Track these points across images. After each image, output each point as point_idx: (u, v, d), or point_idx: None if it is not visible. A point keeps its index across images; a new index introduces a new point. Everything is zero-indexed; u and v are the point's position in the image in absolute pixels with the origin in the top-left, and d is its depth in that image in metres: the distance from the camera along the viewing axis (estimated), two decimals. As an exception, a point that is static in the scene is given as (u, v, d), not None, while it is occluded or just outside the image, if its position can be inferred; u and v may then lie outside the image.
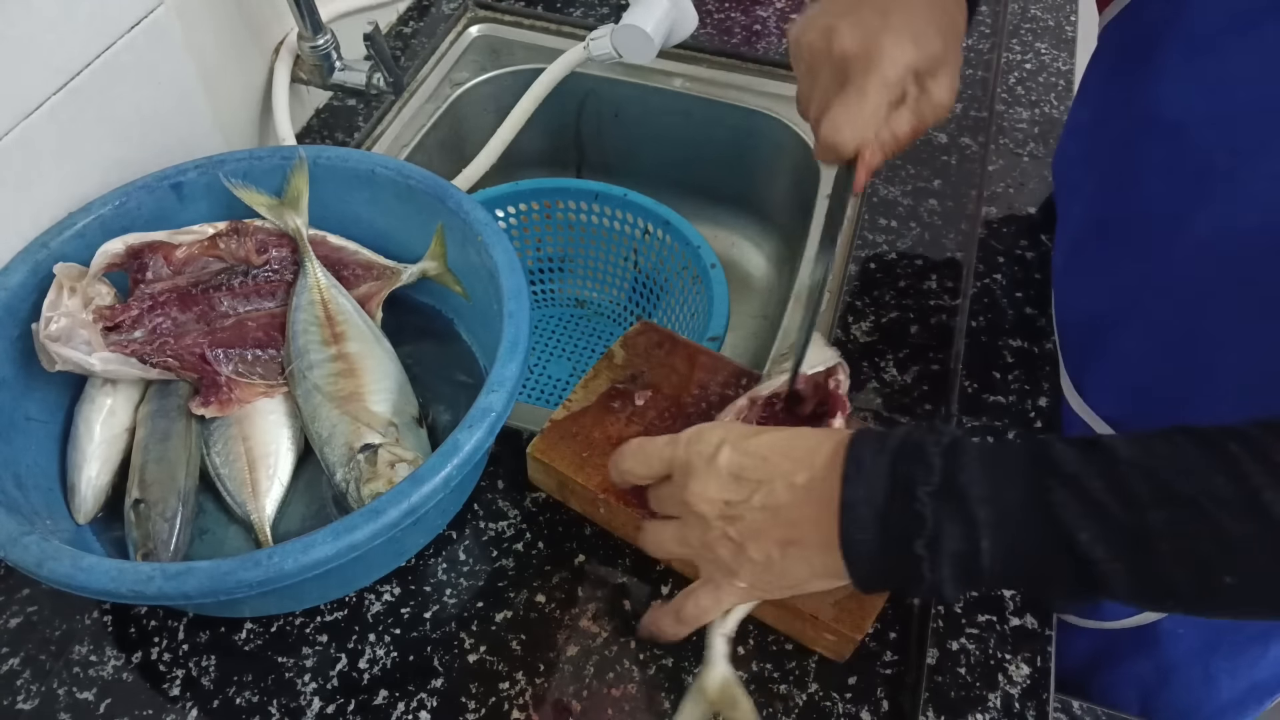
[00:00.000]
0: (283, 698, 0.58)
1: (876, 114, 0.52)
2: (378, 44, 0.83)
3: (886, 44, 0.51)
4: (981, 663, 0.57)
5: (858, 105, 0.52)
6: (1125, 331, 0.64)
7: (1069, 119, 0.75)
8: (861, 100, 0.52)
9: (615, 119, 1.07)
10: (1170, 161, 0.56)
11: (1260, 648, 0.72)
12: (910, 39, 0.51)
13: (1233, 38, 0.51)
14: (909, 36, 0.51)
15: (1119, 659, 0.78)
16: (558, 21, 1.06)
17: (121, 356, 0.63)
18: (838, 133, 0.52)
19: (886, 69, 0.51)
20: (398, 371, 0.68)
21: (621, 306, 0.97)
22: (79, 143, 0.67)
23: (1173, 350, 0.59)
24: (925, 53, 0.52)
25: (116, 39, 0.68)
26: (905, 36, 0.51)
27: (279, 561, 0.49)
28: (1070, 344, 0.71)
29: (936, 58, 0.53)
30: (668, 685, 0.58)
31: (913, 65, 0.52)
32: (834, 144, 0.53)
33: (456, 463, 0.53)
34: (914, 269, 0.80)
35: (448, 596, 0.62)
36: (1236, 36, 0.51)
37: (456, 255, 0.70)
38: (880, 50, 0.51)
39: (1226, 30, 0.51)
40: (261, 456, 0.64)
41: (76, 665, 0.59)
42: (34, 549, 0.51)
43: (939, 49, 0.53)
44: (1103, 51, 0.67)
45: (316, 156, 0.71)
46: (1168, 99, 0.55)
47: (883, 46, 0.51)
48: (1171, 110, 0.55)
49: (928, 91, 0.54)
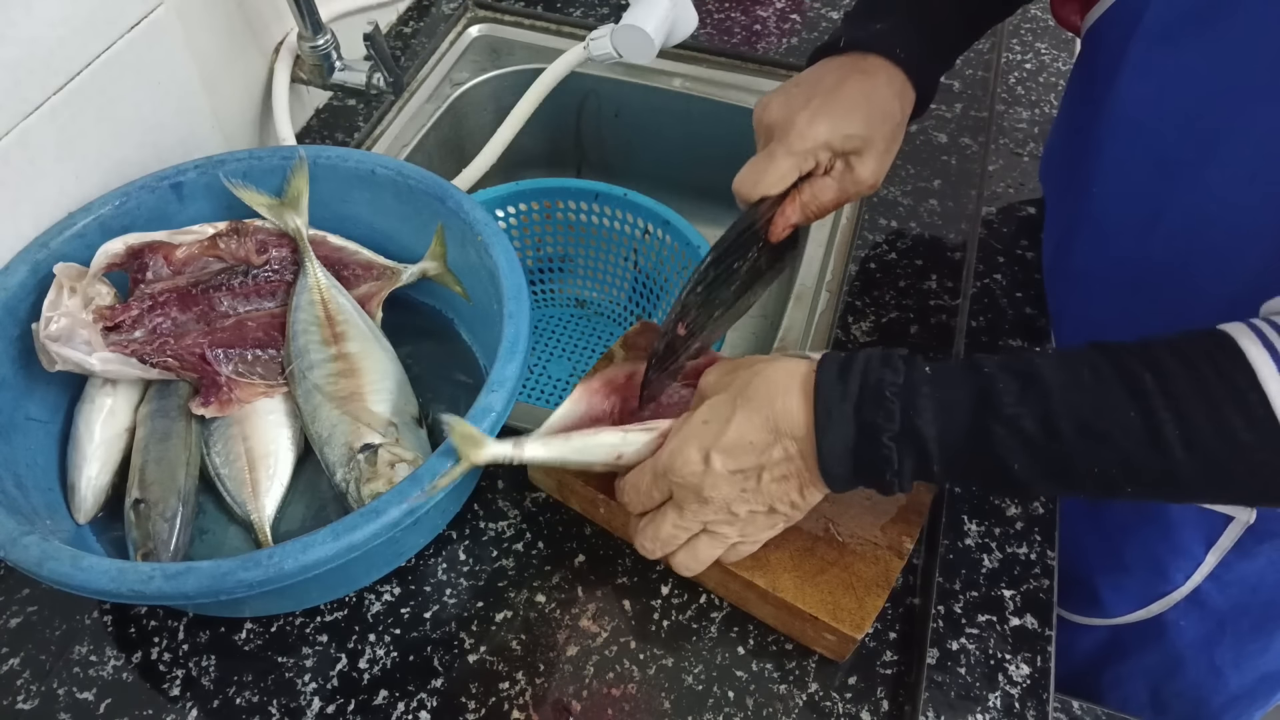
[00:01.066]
0: (283, 698, 0.58)
1: (779, 173, 0.59)
2: (378, 44, 0.83)
3: (799, 120, 0.59)
4: (981, 663, 0.57)
5: (761, 164, 0.60)
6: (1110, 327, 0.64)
7: (1054, 122, 0.76)
8: (766, 161, 0.60)
9: (615, 119, 1.07)
10: (1135, 157, 0.59)
11: (1265, 639, 0.73)
12: (825, 119, 0.59)
13: (1189, 32, 0.53)
14: (824, 117, 0.59)
15: (1124, 654, 0.78)
16: (558, 21, 1.06)
17: (121, 356, 0.63)
18: (740, 182, 0.61)
19: (793, 140, 0.59)
20: (398, 371, 0.68)
21: (621, 306, 0.97)
22: (79, 143, 0.67)
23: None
24: (841, 133, 0.59)
25: (116, 39, 0.68)
26: (820, 116, 0.59)
27: (279, 561, 0.49)
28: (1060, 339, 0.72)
29: (856, 142, 0.60)
30: (668, 685, 0.58)
31: (824, 142, 0.59)
32: (737, 189, 0.61)
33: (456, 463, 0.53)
34: (914, 269, 0.80)
35: (448, 596, 0.62)
36: (1193, 30, 0.52)
37: (456, 255, 0.70)
38: (792, 124, 0.59)
39: (1183, 24, 0.53)
40: (261, 456, 0.64)
41: (76, 665, 0.59)
42: (34, 549, 0.51)
43: (859, 133, 0.59)
44: (1084, 55, 0.68)
45: (316, 156, 0.71)
46: (1131, 97, 0.58)
47: (795, 122, 0.59)
48: (1134, 107, 0.58)
49: (852, 168, 0.61)
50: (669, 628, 0.60)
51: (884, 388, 0.48)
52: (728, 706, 0.57)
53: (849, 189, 0.61)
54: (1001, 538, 0.63)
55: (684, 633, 0.60)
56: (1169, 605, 0.73)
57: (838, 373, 0.49)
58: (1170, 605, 0.73)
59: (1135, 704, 0.82)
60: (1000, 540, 0.63)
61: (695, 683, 0.58)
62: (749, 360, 0.54)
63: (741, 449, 0.50)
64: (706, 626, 0.60)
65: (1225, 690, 0.77)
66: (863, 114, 0.59)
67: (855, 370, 0.49)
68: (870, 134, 0.60)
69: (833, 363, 0.50)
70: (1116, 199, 0.62)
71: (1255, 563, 0.68)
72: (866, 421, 0.48)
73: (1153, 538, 0.71)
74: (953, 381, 0.48)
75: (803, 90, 0.61)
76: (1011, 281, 0.78)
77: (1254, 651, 0.74)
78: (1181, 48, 0.53)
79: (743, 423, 0.50)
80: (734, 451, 0.51)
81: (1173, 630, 0.74)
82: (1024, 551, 0.62)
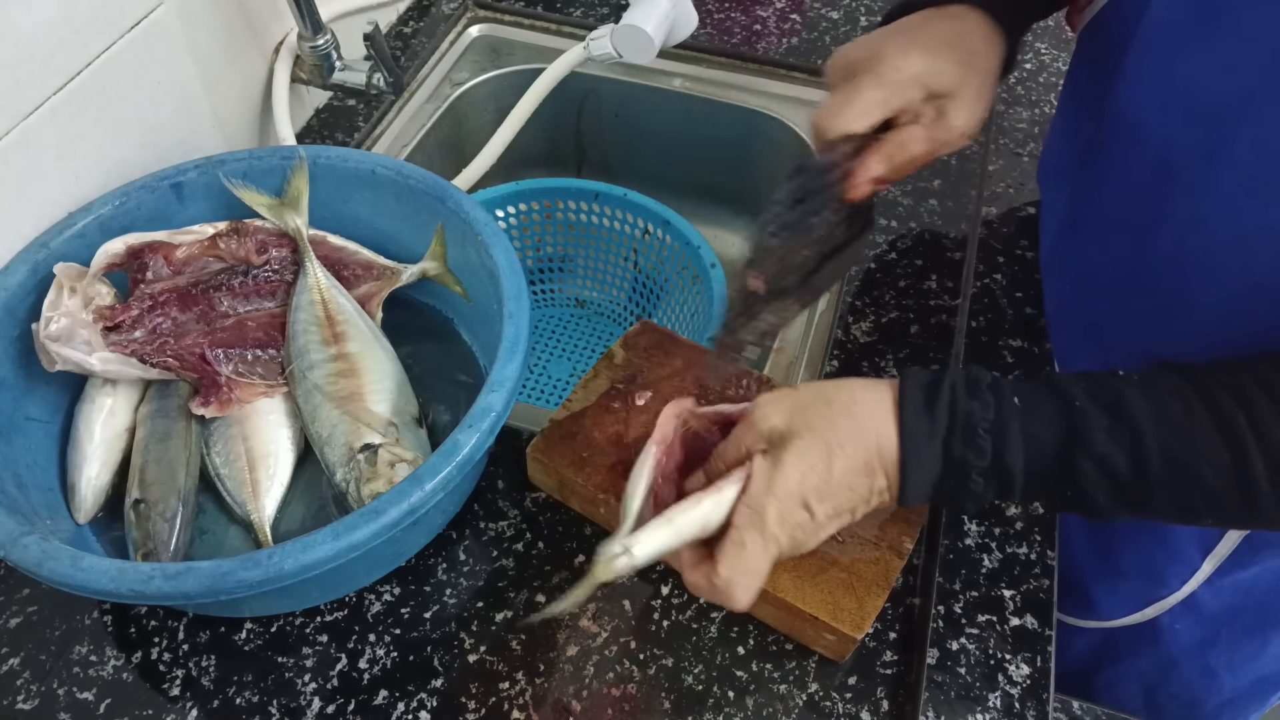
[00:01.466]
0: (283, 698, 0.58)
1: (866, 105, 0.54)
2: (378, 44, 0.83)
3: (889, 51, 0.54)
4: (981, 663, 0.57)
5: (846, 93, 0.54)
6: (1107, 327, 0.64)
7: (1052, 123, 0.75)
8: (852, 90, 0.54)
9: (615, 119, 1.07)
10: (1132, 161, 0.57)
11: (1259, 642, 0.72)
12: (916, 52, 0.54)
13: (1191, 35, 0.51)
14: (915, 49, 0.54)
15: (1119, 656, 0.78)
16: (558, 21, 1.06)
17: (121, 356, 0.63)
18: (821, 115, 0.54)
19: (884, 70, 0.54)
20: (398, 371, 0.68)
21: (621, 306, 0.97)
22: (79, 143, 0.67)
23: (1153, 346, 0.60)
24: (933, 69, 0.54)
25: (116, 39, 0.68)
26: (911, 48, 0.54)
27: (279, 561, 0.49)
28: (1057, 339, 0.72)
29: (950, 80, 0.54)
30: (668, 685, 0.58)
31: (917, 75, 0.54)
32: (817, 122, 0.55)
33: (457, 463, 0.53)
34: (914, 269, 0.80)
35: (448, 596, 0.62)
36: (1195, 34, 0.51)
37: (456, 255, 0.70)
38: (881, 56, 0.54)
39: (1185, 27, 0.51)
40: (261, 456, 0.64)
41: (76, 665, 0.59)
42: (34, 549, 0.51)
43: (953, 73, 0.54)
44: (1080, 54, 0.67)
45: (316, 156, 0.71)
46: (1129, 99, 0.56)
47: (884, 53, 0.54)
48: (1132, 110, 0.56)
49: (945, 115, 0.55)
50: (669, 628, 0.60)
51: (975, 423, 0.47)
52: (728, 706, 0.57)
53: (941, 137, 0.55)
54: (1001, 538, 0.63)
55: (684, 633, 0.60)
56: (1164, 609, 0.72)
57: (924, 404, 0.48)
58: (1165, 609, 0.72)
59: (1130, 706, 0.82)
60: (1000, 540, 0.63)
61: (695, 683, 0.58)
62: (817, 391, 0.50)
63: (844, 496, 0.48)
64: (706, 626, 0.60)
65: (1220, 693, 0.76)
66: (957, 54, 0.54)
67: (942, 402, 0.47)
68: (965, 75, 0.55)
69: (917, 391, 0.48)
70: (1116, 200, 0.61)
71: (1251, 569, 0.68)
72: (956, 458, 0.47)
73: (1150, 545, 0.71)
74: (1042, 414, 0.47)
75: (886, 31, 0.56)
76: (1011, 281, 0.78)
77: (1248, 655, 0.74)
78: (1184, 48, 0.52)
79: (844, 471, 0.47)
80: (837, 498, 0.48)
81: (1167, 634, 0.74)
82: (1024, 552, 0.62)
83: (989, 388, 0.48)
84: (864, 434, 0.47)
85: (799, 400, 0.50)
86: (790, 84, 1.00)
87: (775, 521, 0.47)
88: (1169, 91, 0.54)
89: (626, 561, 0.48)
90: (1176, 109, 0.53)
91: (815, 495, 0.47)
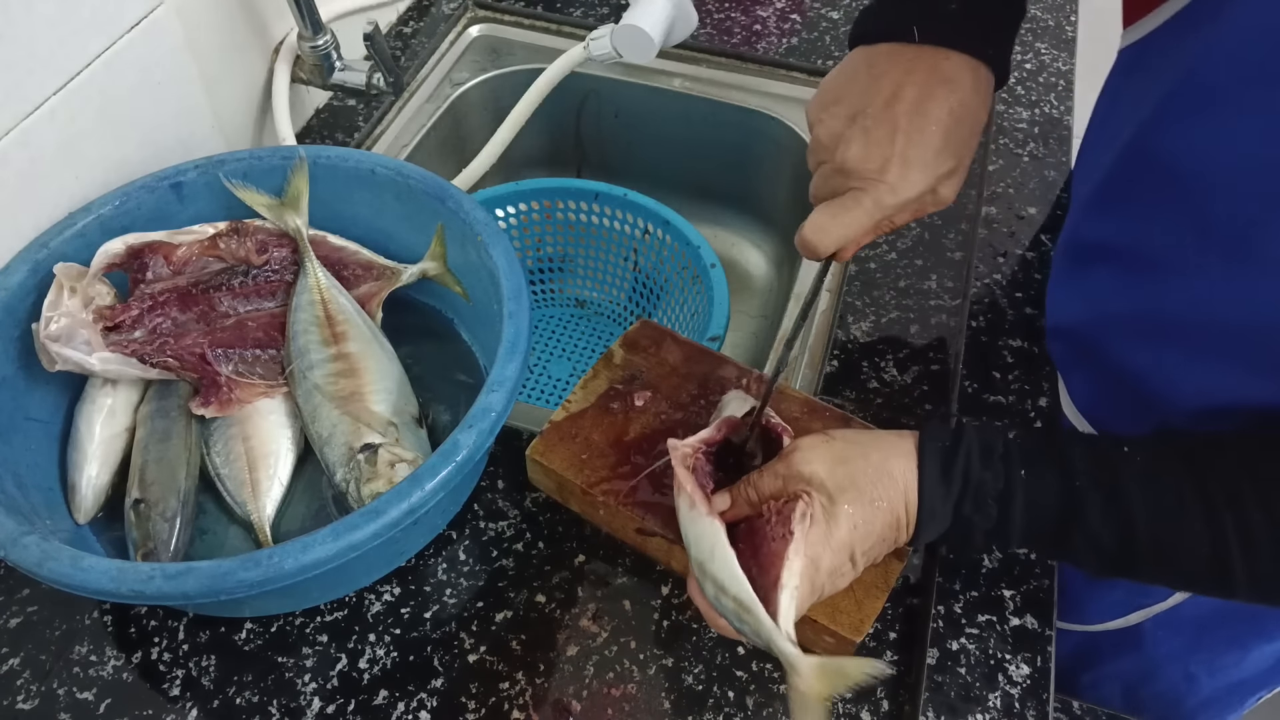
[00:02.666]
0: (283, 698, 0.58)
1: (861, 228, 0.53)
2: (378, 44, 0.83)
3: (892, 175, 0.51)
4: (981, 663, 0.57)
5: (845, 217, 0.52)
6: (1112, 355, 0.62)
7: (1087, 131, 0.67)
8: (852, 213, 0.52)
9: (615, 119, 1.07)
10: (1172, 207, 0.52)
11: (1239, 651, 0.72)
12: (919, 169, 0.52)
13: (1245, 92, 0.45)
14: (917, 165, 0.51)
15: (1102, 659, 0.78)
16: (558, 21, 1.06)
17: (121, 356, 0.63)
18: (818, 234, 0.53)
19: (884, 197, 0.52)
20: (398, 371, 0.68)
21: (621, 306, 0.97)
22: (79, 143, 0.67)
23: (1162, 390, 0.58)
24: (934, 176, 0.52)
25: (116, 39, 0.68)
26: (913, 166, 0.51)
27: (279, 561, 0.49)
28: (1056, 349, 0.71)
29: (947, 174, 0.53)
30: (668, 685, 0.58)
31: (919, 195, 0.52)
32: (812, 245, 0.54)
33: (457, 463, 0.53)
34: (914, 269, 0.80)
35: (448, 596, 0.62)
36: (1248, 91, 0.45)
37: (456, 255, 0.70)
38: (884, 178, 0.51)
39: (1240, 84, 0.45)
40: (261, 456, 0.64)
41: (76, 665, 0.59)
42: (34, 549, 0.51)
43: (952, 165, 0.53)
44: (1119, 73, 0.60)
45: (316, 156, 0.71)
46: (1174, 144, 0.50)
47: (887, 177, 0.51)
48: (1177, 156, 0.50)
49: (935, 192, 0.54)
50: (669, 628, 0.60)
51: (986, 492, 0.50)
52: (728, 706, 0.57)
53: (928, 208, 0.55)
54: (1001, 538, 0.63)
55: (684, 633, 0.60)
56: (1148, 616, 0.72)
57: (941, 471, 0.51)
58: (1149, 616, 0.72)
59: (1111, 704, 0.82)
60: (1000, 540, 0.63)
61: (695, 683, 0.58)
62: (853, 443, 0.52)
63: (879, 547, 0.52)
64: (706, 626, 0.60)
65: (1199, 694, 0.77)
66: (955, 145, 0.53)
67: (957, 469, 0.51)
68: (961, 160, 0.54)
69: (935, 456, 0.51)
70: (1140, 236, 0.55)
71: None
72: (965, 517, 0.51)
73: None
74: (1045, 487, 0.50)
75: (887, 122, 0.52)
76: (1011, 281, 0.78)
77: (1228, 663, 0.73)
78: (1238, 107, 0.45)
79: (883, 525, 0.51)
80: (874, 550, 0.52)
81: (1149, 640, 0.74)
82: (1024, 551, 0.62)
83: (1001, 459, 0.51)
84: (896, 492, 0.51)
85: (837, 452, 0.51)
86: (790, 84, 1.00)
87: (827, 572, 0.50)
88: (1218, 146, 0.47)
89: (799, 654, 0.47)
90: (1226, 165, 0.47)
91: (860, 548, 0.51)
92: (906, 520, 0.51)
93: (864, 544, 0.51)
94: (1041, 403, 0.69)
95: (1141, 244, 0.55)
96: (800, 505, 0.50)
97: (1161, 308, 0.55)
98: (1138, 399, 0.60)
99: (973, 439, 0.51)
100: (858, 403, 0.71)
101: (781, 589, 0.48)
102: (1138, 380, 0.59)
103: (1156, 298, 0.55)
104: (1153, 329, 0.57)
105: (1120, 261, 0.58)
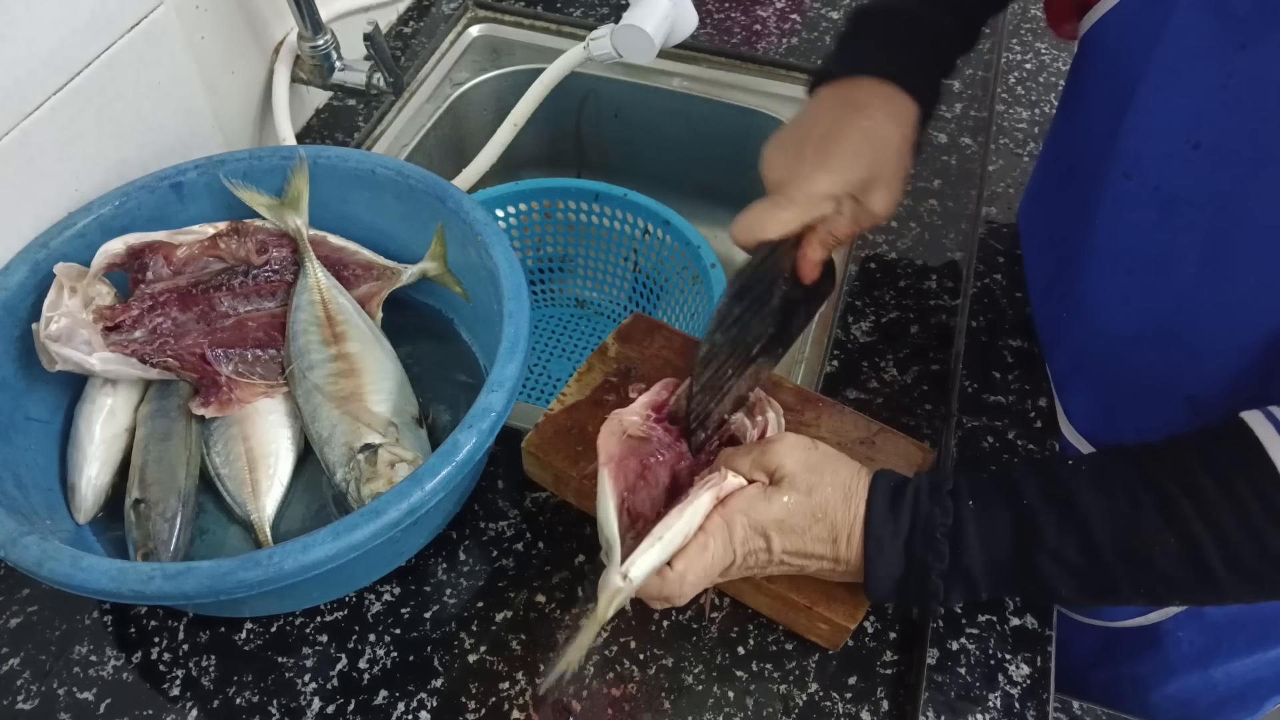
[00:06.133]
0: (283, 698, 0.58)
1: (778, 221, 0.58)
2: (378, 44, 0.83)
3: (798, 176, 0.58)
4: (981, 663, 0.57)
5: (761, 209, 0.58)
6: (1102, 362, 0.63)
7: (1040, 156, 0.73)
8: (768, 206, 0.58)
9: (615, 119, 1.07)
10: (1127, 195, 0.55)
11: (1261, 653, 0.72)
12: (824, 173, 0.58)
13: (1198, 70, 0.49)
14: (824, 171, 0.58)
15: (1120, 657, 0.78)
16: (558, 21, 1.06)
17: (121, 356, 0.63)
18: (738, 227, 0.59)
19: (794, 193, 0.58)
20: (398, 371, 0.68)
21: (621, 306, 0.97)
22: (79, 143, 0.67)
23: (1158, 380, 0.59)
24: (841, 181, 0.58)
25: (116, 39, 0.68)
26: (820, 171, 0.58)
27: (279, 561, 0.49)
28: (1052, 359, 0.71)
29: (859, 184, 0.58)
30: (668, 685, 0.58)
31: (827, 194, 0.58)
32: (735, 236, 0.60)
33: (457, 463, 0.53)
34: (914, 269, 0.80)
35: (448, 596, 0.62)
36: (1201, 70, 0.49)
37: (456, 255, 0.70)
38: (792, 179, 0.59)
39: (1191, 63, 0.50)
40: (261, 456, 0.64)
41: (76, 665, 0.59)
42: (34, 549, 0.51)
43: (862, 177, 0.58)
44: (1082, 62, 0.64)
45: (316, 156, 0.71)
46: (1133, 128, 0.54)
47: (794, 177, 0.59)
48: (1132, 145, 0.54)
49: (864, 204, 0.59)
50: (669, 628, 0.60)
51: (934, 527, 0.51)
52: (728, 706, 0.57)
53: (863, 221, 0.60)
54: (1001, 538, 0.63)
55: (684, 633, 0.60)
56: (1169, 614, 0.72)
57: (889, 507, 0.52)
58: (1170, 615, 0.72)
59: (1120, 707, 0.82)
60: (1000, 540, 0.63)
61: (695, 683, 0.58)
62: (833, 460, 0.54)
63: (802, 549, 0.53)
64: (706, 626, 0.60)
65: (1214, 693, 0.77)
66: (866, 157, 0.58)
67: (906, 505, 0.52)
68: (874, 173, 0.58)
69: (884, 494, 0.52)
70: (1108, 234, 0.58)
71: None
72: (917, 559, 0.51)
73: None
74: (996, 515, 0.51)
75: (800, 141, 0.60)
76: (1011, 281, 0.78)
77: (1248, 666, 0.73)
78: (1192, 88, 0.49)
79: (814, 538, 0.52)
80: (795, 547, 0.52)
81: (1168, 640, 0.74)
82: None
83: (949, 493, 0.52)
84: (843, 516, 0.52)
85: (812, 460, 0.53)
86: (790, 84, 1.00)
87: (740, 539, 0.52)
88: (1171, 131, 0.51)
89: (628, 590, 0.49)
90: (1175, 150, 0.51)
91: (781, 539, 0.52)
92: (846, 546, 0.52)
93: (786, 537, 0.52)
94: (1041, 403, 0.69)
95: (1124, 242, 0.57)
96: (715, 476, 0.53)
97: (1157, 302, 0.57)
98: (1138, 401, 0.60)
99: (923, 479, 0.53)
100: (858, 403, 0.71)
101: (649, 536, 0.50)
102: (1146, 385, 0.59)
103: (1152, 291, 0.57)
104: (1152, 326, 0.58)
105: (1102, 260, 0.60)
